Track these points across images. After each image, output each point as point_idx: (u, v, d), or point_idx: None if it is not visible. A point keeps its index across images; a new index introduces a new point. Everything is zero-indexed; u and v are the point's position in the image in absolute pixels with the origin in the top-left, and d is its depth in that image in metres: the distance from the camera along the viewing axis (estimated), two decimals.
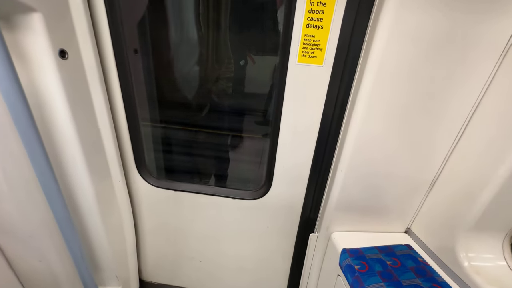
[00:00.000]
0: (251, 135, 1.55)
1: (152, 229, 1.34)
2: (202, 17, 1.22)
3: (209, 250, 1.37)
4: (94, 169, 0.94)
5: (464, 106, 0.78)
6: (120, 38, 0.89)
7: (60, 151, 0.84)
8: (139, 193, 1.22)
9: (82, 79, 0.84)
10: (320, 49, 0.82)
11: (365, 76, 0.78)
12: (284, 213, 1.19)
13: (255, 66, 1.33)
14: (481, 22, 0.67)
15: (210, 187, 1.21)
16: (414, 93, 0.77)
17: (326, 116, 0.92)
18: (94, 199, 0.97)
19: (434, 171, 0.90)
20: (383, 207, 1.00)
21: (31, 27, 0.67)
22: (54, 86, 0.74)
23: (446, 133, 0.83)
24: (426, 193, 0.95)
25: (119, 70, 0.94)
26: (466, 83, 0.74)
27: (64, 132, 0.81)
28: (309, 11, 0.77)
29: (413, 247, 0.94)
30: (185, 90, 1.45)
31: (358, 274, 0.81)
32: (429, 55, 0.71)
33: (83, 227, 1.03)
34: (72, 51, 0.78)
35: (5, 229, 0.89)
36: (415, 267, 0.84)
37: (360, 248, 0.93)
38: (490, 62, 0.71)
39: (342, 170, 0.92)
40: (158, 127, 1.39)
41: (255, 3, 1.09)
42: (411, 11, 0.67)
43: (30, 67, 0.71)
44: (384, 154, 0.88)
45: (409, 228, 1.04)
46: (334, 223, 1.05)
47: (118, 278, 1.22)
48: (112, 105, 0.99)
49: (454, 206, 0.84)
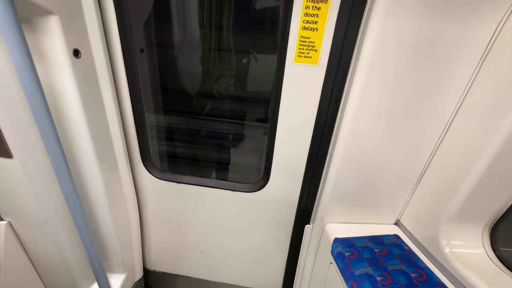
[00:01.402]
0: (252, 132, 1.61)
1: (156, 220, 1.41)
2: (206, 17, 1.27)
3: (210, 241, 1.44)
4: (103, 162, 1.00)
5: (448, 105, 0.83)
6: (128, 37, 0.95)
7: (73, 144, 0.91)
8: (144, 185, 1.29)
9: (93, 77, 0.90)
10: (315, 50, 0.87)
11: (357, 76, 0.84)
12: (281, 206, 1.25)
13: (257, 64, 1.39)
14: (463, 25, 0.72)
15: (211, 180, 1.28)
16: (402, 92, 0.83)
17: (321, 113, 0.98)
18: (103, 190, 1.04)
19: (421, 165, 0.96)
20: (374, 200, 1.06)
21: (49, 29, 0.73)
22: (68, 83, 0.81)
23: (432, 130, 0.89)
24: (414, 186, 1.01)
25: (127, 68, 1.00)
26: (449, 84, 0.80)
27: (77, 126, 0.87)
28: (305, 15, 0.83)
29: (401, 237, 1.01)
30: (189, 87, 1.51)
31: (347, 260, 0.88)
32: (415, 57, 0.77)
33: (92, 216, 1.10)
34: (85, 50, 0.84)
35: (21, 216, 0.96)
36: (401, 255, 0.90)
37: (351, 238, 1.00)
38: (471, 64, 0.76)
39: (335, 164, 0.98)
40: (162, 122, 1.45)
41: (258, 7, 1.14)
42: (397, 17, 0.72)
43: (47, 65, 0.77)
44: (374, 150, 0.94)
45: (399, 220, 1.11)
46: (328, 215, 1.12)
47: (124, 265, 1.29)
48: (119, 101, 1.05)
49: (438, 198, 0.90)
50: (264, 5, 1.12)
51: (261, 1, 1.15)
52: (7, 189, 0.88)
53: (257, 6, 1.16)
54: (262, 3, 1.14)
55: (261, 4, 1.15)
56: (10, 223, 0.99)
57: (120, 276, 1.30)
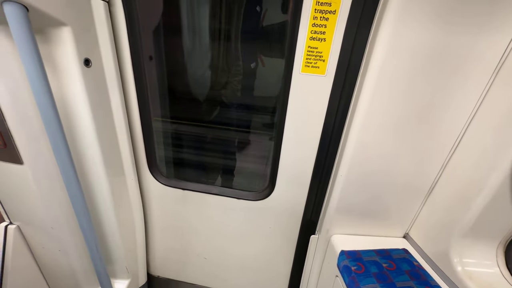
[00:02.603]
0: (258, 138, 1.60)
1: (160, 226, 1.41)
2: (213, 26, 1.29)
3: (213, 248, 1.43)
4: (110, 168, 1.02)
5: (460, 116, 0.81)
6: (137, 46, 0.97)
7: (81, 151, 0.92)
8: (149, 191, 1.29)
9: (103, 85, 0.92)
10: (323, 60, 0.87)
11: (365, 86, 0.82)
12: (286, 215, 1.24)
13: (264, 71, 1.39)
14: (477, 36, 0.70)
15: (216, 187, 1.27)
16: (412, 103, 0.81)
17: (328, 122, 0.97)
18: (109, 195, 1.05)
19: (431, 178, 0.93)
20: (382, 212, 1.03)
21: (61, 39, 0.75)
22: (78, 92, 0.82)
23: (444, 141, 0.86)
24: (424, 199, 0.98)
25: (136, 76, 1.01)
26: (461, 95, 0.78)
27: (85, 133, 0.89)
28: (312, 25, 0.82)
29: (410, 252, 0.97)
30: (197, 94, 1.52)
31: (354, 275, 0.85)
32: (426, 67, 0.75)
33: (98, 221, 1.11)
34: (95, 59, 0.86)
35: (31, 221, 0.98)
36: (410, 271, 0.87)
37: (358, 251, 0.97)
38: (485, 75, 0.74)
39: (342, 175, 0.96)
40: (169, 129, 1.47)
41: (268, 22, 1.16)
42: (408, 26, 0.71)
43: (59, 75, 0.79)
44: (382, 161, 0.92)
45: (408, 233, 1.07)
46: (334, 226, 1.09)
47: (128, 271, 1.29)
48: (127, 107, 1.06)
49: (450, 212, 0.87)
50: (273, 18, 1.13)
51: (270, 14, 1.16)
52: (17, 194, 0.90)
53: (266, 21, 1.18)
54: (271, 16, 1.15)
55: (270, 17, 1.16)
56: (19, 227, 1.01)
57: (124, 281, 1.30)
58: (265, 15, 1.19)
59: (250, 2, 1.24)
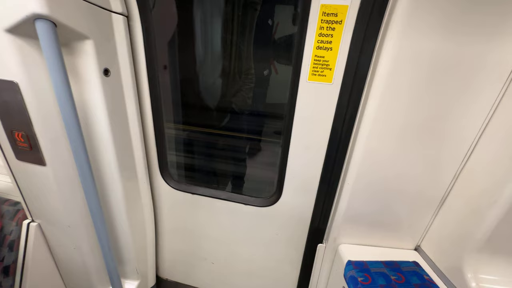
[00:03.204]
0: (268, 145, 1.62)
1: (170, 229, 1.44)
2: (224, 39, 1.34)
3: (221, 253, 1.44)
4: (124, 171, 1.07)
5: (472, 127, 0.79)
6: (153, 57, 1.03)
7: (98, 155, 0.98)
8: (161, 195, 1.34)
9: (120, 93, 0.98)
10: (329, 68, 0.88)
11: (372, 95, 0.82)
12: (293, 222, 1.23)
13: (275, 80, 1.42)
14: (486, 45, 0.69)
15: (224, 192, 1.30)
16: (420, 113, 0.80)
17: (335, 130, 0.97)
18: (122, 198, 1.09)
19: (444, 188, 0.91)
20: (392, 223, 1.01)
21: (84, 51, 0.81)
22: (97, 99, 0.88)
23: (455, 151, 0.84)
24: (436, 210, 0.95)
25: (150, 83, 1.07)
26: (473, 105, 0.76)
27: (102, 138, 0.95)
28: (319, 35, 0.84)
29: (420, 265, 0.94)
30: (208, 101, 1.58)
31: (360, 286, 0.83)
32: (434, 78, 0.75)
33: (111, 222, 1.16)
34: (114, 69, 0.92)
35: (49, 219, 1.04)
36: (420, 285, 0.84)
37: (365, 261, 0.95)
38: (497, 84, 0.72)
39: (350, 183, 0.96)
40: (181, 135, 1.52)
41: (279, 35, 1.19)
42: (414, 37, 0.71)
43: (80, 83, 0.86)
44: (390, 170, 0.90)
45: (419, 246, 1.03)
46: (342, 235, 1.07)
47: (138, 272, 1.33)
48: (142, 114, 1.12)
49: (463, 224, 0.83)
50: (284, 30, 1.16)
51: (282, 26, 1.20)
52: (40, 193, 0.97)
53: (278, 34, 1.21)
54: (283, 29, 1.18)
55: (282, 29, 1.19)
56: (39, 225, 1.07)
57: (134, 282, 1.33)
58: (277, 28, 1.23)
59: (262, 15, 1.28)
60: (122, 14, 0.89)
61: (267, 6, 1.29)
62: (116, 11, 0.87)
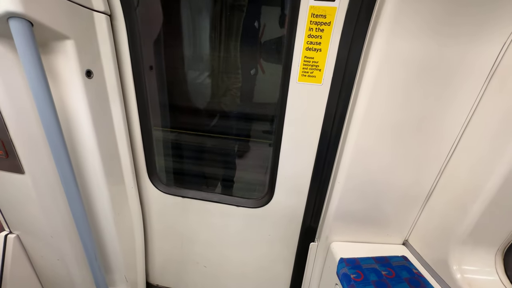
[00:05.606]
0: (258, 145, 1.61)
1: (160, 234, 1.41)
2: (212, 38, 1.32)
3: (213, 256, 1.42)
4: (110, 177, 1.02)
5: (454, 124, 0.82)
6: (138, 57, 0.99)
7: (81, 160, 0.93)
8: (149, 199, 1.30)
9: (104, 95, 0.94)
10: (319, 69, 0.89)
11: (361, 94, 0.84)
12: (285, 222, 1.24)
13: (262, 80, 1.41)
14: (468, 45, 0.72)
15: (215, 194, 1.28)
16: (407, 111, 0.83)
17: (325, 130, 0.98)
18: (109, 204, 1.05)
19: (428, 184, 0.94)
20: (381, 219, 1.04)
21: (64, 52, 0.77)
22: (80, 102, 0.84)
23: (439, 148, 0.87)
24: (422, 206, 0.98)
25: (136, 85, 1.03)
26: (456, 102, 0.79)
27: (86, 142, 0.90)
28: (308, 36, 0.85)
29: (409, 259, 0.97)
30: (196, 103, 1.54)
31: (353, 283, 0.85)
32: (420, 77, 0.77)
33: (97, 230, 1.11)
34: (97, 70, 0.88)
35: (30, 230, 0.98)
36: (409, 278, 0.87)
37: (357, 258, 0.97)
38: (477, 83, 0.76)
39: (340, 182, 0.97)
40: (169, 138, 1.48)
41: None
42: (401, 38, 0.73)
43: (61, 86, 0.81)
44: (379, 168, 0.93)
45: (407, 240, 1.07)
46: (333, 233, 1.09)
47: (127, 280, 1.29)
48: (128, 117, 1.08)
49: (448, 218, 0.87)
50: (272, 30, 1.15)
51: (270, 27, 1.19)
52: (17, 203, 0.91)
53: (265, 35, 1.21)
54: (271, 29, 1.18)
55: (269, 28, 1.19)
56: (18, 236, 1.01)
57: None
58: (264, 30, 1.23)
59: (249, 16, 1.27)
60: (104, 13, 0.85)
61: (253, 7, 1.29)
62: (98, 10, 0.83)
